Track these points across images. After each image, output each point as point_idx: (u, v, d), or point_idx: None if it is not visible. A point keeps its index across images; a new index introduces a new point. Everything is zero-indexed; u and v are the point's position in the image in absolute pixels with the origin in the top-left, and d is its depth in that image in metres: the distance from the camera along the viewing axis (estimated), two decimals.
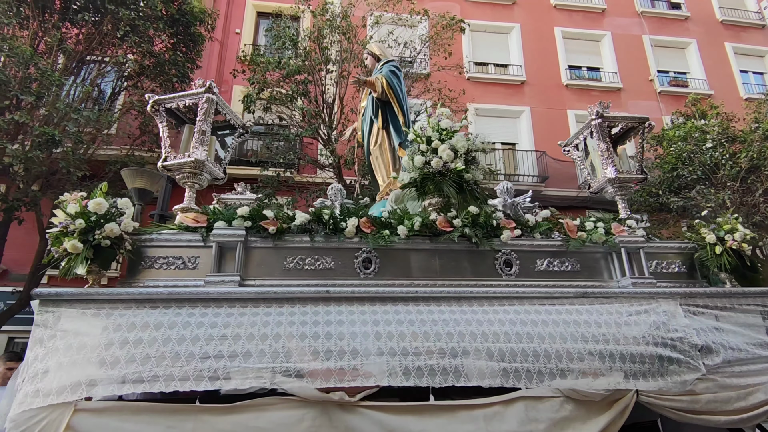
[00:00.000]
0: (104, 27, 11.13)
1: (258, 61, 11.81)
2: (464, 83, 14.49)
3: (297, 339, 2.59)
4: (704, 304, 3.25)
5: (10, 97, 10.23)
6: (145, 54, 11.30)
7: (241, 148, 12.85)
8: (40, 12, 10.69)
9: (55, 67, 10.80)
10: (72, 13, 10.93)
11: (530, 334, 2.85)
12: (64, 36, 10.80)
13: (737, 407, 2.99)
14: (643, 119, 3.91)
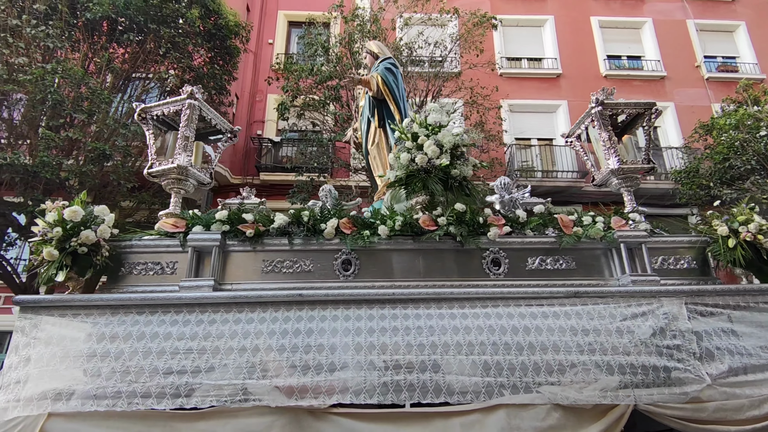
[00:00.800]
0: (147, 45, 11.55)
1: (291, 69, 11.94)
2: (497, 80, 14.10)
3: (274, 352, 2.52)
4: (714, 303, 2.93)
5: (64, 115, 10.78)
6: (185, 69, 11.64)
7: (276, 154, 13.03)
8: (89, 35, 11.19)
9: (104, 85, 11.28)
10: (118, 34, 11.40)
11: (515, 344, 2.66)
12: (111, 56, 11.27)
13: (750, 416, 2.67)
14: (650, 104, 3.60)
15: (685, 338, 2.76)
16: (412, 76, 12.70)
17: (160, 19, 10.92)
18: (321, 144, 12.26)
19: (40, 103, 10.26)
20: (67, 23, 10.36)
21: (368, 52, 4.81)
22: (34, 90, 9.79)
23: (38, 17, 9.93)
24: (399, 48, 12.42)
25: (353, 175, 12.64)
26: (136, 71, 11.78)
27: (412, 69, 12.77)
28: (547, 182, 13.70)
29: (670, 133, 14.50)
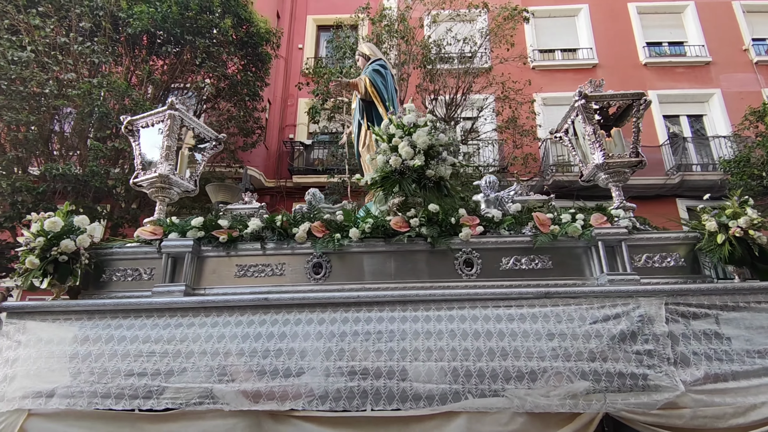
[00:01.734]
0: (184, 56, 12.00)
1: (320, 73, 12.09)
2: (529, 73, 13.76)
3: (240, 356, 2.57)
4: (699, 304, 2.75)
5: (110, 126, 11.36)
6: (220, 77, 12.01)
7: (308, 157, 13.25)
8: (131, 49, 11.74)
9: (146, 96, 11.82)
10: (157, 46, 11.91)
11: (482, 349, 2.59)
12: (151, 68, 11.78)
13: (734, 425, 2.48)
14: (638, 95, 3.42)
15: (659, 342, 2.60)
16: (441, 73, 12.59)
17: (196, 31, 11.30)
18: (351, 145, 12.35)
19: (88, 115, 10.86)
20: (111, 39, 10.87)
21: (360, 54, 4.81)
22: (82, 104, 10.34)
23: (84, 34, 10.48)
24: (427, 46, 12.34)
25: None
26: (175, 82, 12.25)
27: (441, 66, 12.67)
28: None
29: (718, 122, 13.67)
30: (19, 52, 9.81)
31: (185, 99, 3.54)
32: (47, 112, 10.71)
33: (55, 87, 9.93)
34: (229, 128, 12.08)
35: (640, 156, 3.37)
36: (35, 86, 9.93)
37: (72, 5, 10.20)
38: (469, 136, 13.31)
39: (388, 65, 4.58)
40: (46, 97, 10.16)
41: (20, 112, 9.71)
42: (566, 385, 2.54)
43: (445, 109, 13.00)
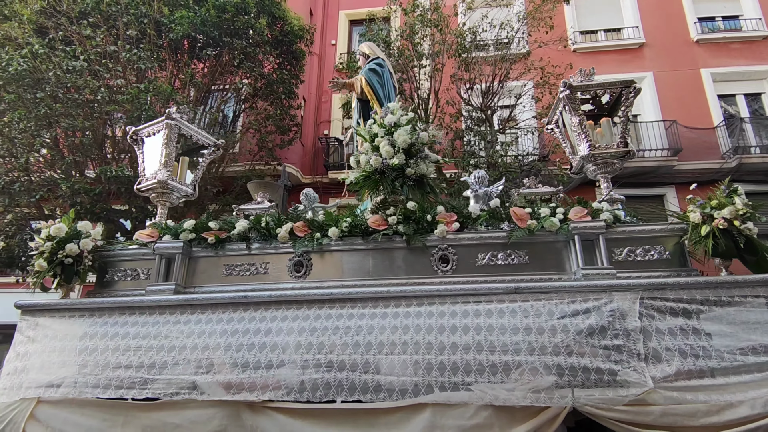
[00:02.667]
0: (223, 58, 12.51)
1: (354, 67, 12.27)
2: (570, 56, 13.34)
3: (221, 350, 2.79)
4: (677, 298, 2.71)
5: None
6: (257, 77, 12.44)
7: (343, 152, 13.49)
8: (173, 53, 12.37)
9: (189, 99, 12.43)
10: (198, 50, 12.48)
11: (451, 343, 2.66)
12: (193, 71, 12.36)
13: (705, 423, 2.44)
14: (627, 83, 3.36)
15: (629, 338, 2.59)
16: (477, 61, 12.46)
17: (233, 32, 11.74)
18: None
19: (137, 119, 11.55)
20: (155, 45, 11.49)
21: (361, 54, 4.92)
22: (131, 108, 11.01)
23: (131, 42, 11.13)
24: (462, 34, 12.23)
25: None
26: (215, 83, 12.79)
27: (476, 54, 12.53)
28: (632, 163, 12.73)
29: None
30: (73, 62, 10.54)
31: (183, 109, 3.79)
32: (100, 117, 11.47)
33: (107, 93, 10.61)
34: (267, 127, 12.50)
35: (628, 146, 3.31)
36: (88, 93, 10.65)
37: (119, 14, 10.85)
38: (506, 124, 13.12)
39: (386, 63, 4.67)
40: (99, 104, 10.86)
41: (76, 119, 10.44)
42: (531, 379, 2.58)
43: (481, 98, 12.86)
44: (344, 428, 2.63)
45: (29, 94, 10.35)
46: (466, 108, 12.95)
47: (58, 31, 10.97)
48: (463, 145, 12.63)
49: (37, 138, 10.73)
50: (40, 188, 10.80)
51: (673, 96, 13.04)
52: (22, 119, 10.11)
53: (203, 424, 2.68)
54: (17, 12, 11.16)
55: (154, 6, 11.26)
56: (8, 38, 11.17)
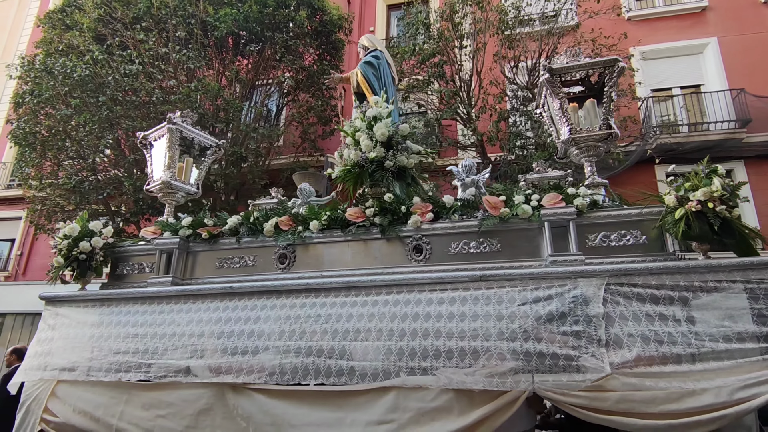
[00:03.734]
0: (265, 53, 13.03)
1: (393, 53, 12.37)
2: (624, 25, 12.74)
3: (211, 337, 3.12)
4: (645, 284, 2.71)
5: (207, 126, 12.80)
6: (299, 70, 12.86)
7: None
8: (219, 52, 13.03)
9: (235, 95, 13.06)
10: (241, 46, 13.06)
11: (417, 330, 2.82)
12: (237, 68, 12.97)
13: (664, 410, 2.46)
14: (611, 61, 3.32)
15: (590, 324, 2.64)
16: (521, 38, 12.20)
17: (274, 26, 12.18)
18: (427, 125, 12.54)
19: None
20: (202, 44, 12.16)
21: (361, 47, 5.06)
22: (183, 107, 11.77)
23: (180, 43, 11.87)
24: (504, 10, 12.01)
25: (462, 153, 12.69)
26: (258, 79, 13.34)
27: (520, 30, 12.27)
28: (696, 136, 12.07)
29: None
30: (129, 66, 11.39)
31: (187, 113, 4.13)
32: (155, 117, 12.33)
33: (161, 94, 11.40)
34: (309, 119, 12.91)
35: (611, 128, 3.28)
36: (144, 95, 11.49)
37: (168, 17, 11.57)
38: None
39: (383, 55, 4.79)
40: (154, 105, 11.68)
41: (135, 120, 11.30)
42: (492, 364, 2.70)
43: (527, 76, 12.59)
44: (315, 408, 2.87)
45: (92, 99, 11.28)
46: (510, 87, 12.74)
47: (114, 37, 11.85)
48: (509, 127, 12.44)
49: (101, 139, 11.68)
50: (106, 186, 11.80)
51: (740, 63, 12.17)
52: (87, 122, 11.06)
53: (192, 402, 3.01)
54: (78, 21, 12.10)
55: (200, 6, 11.86)
56: (71, 47, 12.19)
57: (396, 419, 2.72)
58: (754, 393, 2.41)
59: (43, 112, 12.06)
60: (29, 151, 12.48)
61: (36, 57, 12.08)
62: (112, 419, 3.06)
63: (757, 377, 2.43)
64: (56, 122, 11.55)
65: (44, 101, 11.50)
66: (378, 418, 2.74)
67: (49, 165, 12.61)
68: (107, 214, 12.14)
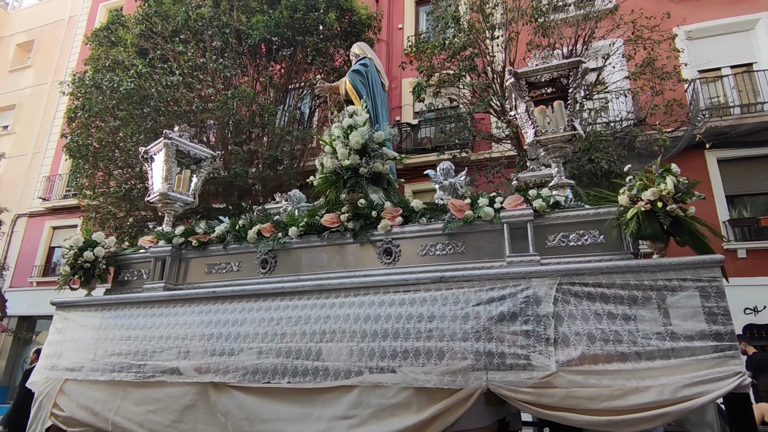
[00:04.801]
0: (297, 57, 13.50)
1: (423, 48, 12.51)
2: (667, 4, 12.32)
3: (196, 339, 3.47)
4: (596, 283, 2.81)
5: (244, 131, 13.44)
6: (330, 71, 13.25)
7: (415, 137, 13.82)
8: (253, 58, 13.63)
9: (269, 100, 13.61)
10: (274, 52, 13.59)
11: (381, 331, 3.05)
12: (271, 73, 13.51)
13: (608, 407, 2.56)
14: (574, 63, 3.38)
15: (540, 323, 2.77)
16: (556, 24, 12.04)
17: (305, 30, 12.64)
18: (459, 119, 12.60)
19: (226, 124, 13.00)
20: (236, 52, 12.78)
21: (353, 54, 5.27)
22: (221, 114, 12.44)
23: (216, 52, 12.53)
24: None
25: (496, 146, 12.66)
26: (291, 82, 13.84)
27: (555, 16, 12.12)
28: (749, 118, 11.55)
29: None
30: (170, 77, 12.17)
31: (185, 128, 4.51)
32: (196, 125, 13.07)
33: (200, 103, 12.10)
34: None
35: (575, 129, 3.35)
36: (185, 105, 12.24)
37: (205, 28, 12.24)
38: (594, 89, 12.51)
39: (372, 62, 4.98)
40: (194, 113, 12.41)
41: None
42: (448, 362, 2.88)
43: None
44: (286, 404, 3.14)
45: (137, 110, 12.13)
46: None
47: (156, 51, 12.64)
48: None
49: None
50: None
51: None
52: (133, 133, 11.90)
53: (179, 398, 3.36)
54: (122, 37, 12.97)
55: (234, 15, 12.44)
56: (117, 62, 13.10)
57: (358, 414, 2.95)
58: (699, 391, 2.47)
59: (94, 126, 13.03)
60: (83, 162, 13.53)
61: (85, 73, 13.04)
62: (109, 414, 3.46)
63: (703, 376, 2.50)
64: (106, 134, 12.48)
65: (94, 115, 12.44)
66: (341, 414, 2.98)
67: (101, 175, 13.60)
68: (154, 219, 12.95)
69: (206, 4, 12.51)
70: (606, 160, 10.71)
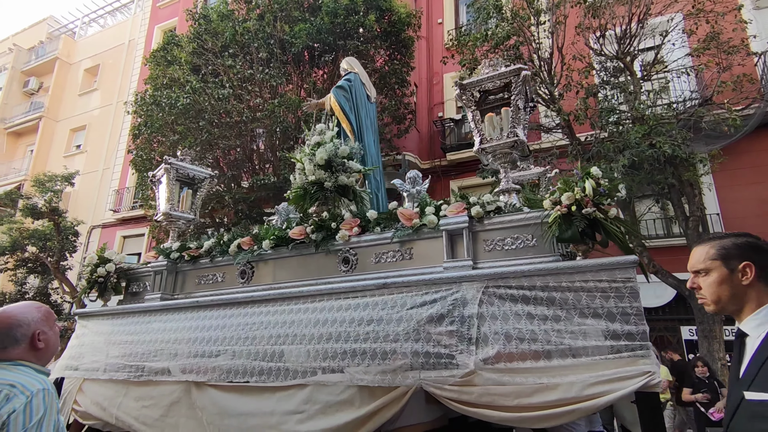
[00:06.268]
0: (339, 61, 14.12)
1: (464, 41, 12.70)
2: None
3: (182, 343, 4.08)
4: (519, 285, 3.09)
5: (291, 138, 14.27)
6: (371, 73, 13.75)
7: (459, 132, 13.99)
8: (296, 66, 14.42)
9: None
10: (316, 58, 14.31)
11: (332, 334, 3.51)
12: (314, 79, 14.24)
13: (520, 404, 2.85)
14: (516, 70, 3.63)
15: (464, 324, 3.09)
16: (608, 3, 11.83)
17: (346, 34, 13.25)
18: None
19: (274, 132, 13.88)
20: (281, 62, 13.62)
21: (342, 69, 5.70)
22: (269, 123, 13.34)
23: (262, 63, 13.43)
24: None
25: (546, 136, 12.60)
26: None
27: None
28: None
29: None
30: (221, 91, 13.21)
31: (186, 152, 5.17)
32: (247, 135, 14.05)
33: (249, 113, 13.05)
34: (383, 119, 13.75)
35: (517, 136, 3.60)
36: (236, 116, 13.24)
37: (251, 41, 13.16)
38: (652, 69, 12.13)
39: (356, 77, 5.40)
40: (244, 123, 13.37)
41: (230, 139, 13.08)
42: (386, 362, 3.27)
43: (616, 45, 12.13)
44: (251, 400, 3.66)
45: (194, 124, 13.28)
46: (598, 59, 12.35)
47: (207, 66, 13.73)
48: (599, 102, 12.10)
49: (203, 160, 13.64)
50: (210, 201, 13.76)
51: None
52: (192, 146, 13.02)
53: (167, 396, 3.97)
54: (177, 56, 14.18)
55: (277, 26, 13.25)
56: (173, 80, 14.35)
57: (307, 410, 3.41)
58: (606, 390, 2.71)
59: (156, 141, 14.36)
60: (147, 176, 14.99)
61: (146, 92, 14.38)
62: (113, 409, 4.14)
63: (610, 374, 2.73)
64: (167, 148, 13.72)
65: (156, 131, 13.74)
66: (293, 409, 3.46)
67: None
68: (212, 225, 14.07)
69: (251, 17, 13.39)
70: (669, 144, 10.36)
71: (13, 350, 2.10)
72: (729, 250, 1.90)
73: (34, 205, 17.35)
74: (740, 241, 1.91)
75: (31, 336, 2.14)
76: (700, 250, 1.99)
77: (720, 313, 1.97)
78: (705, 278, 1.93)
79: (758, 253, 1.86)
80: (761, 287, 1.83)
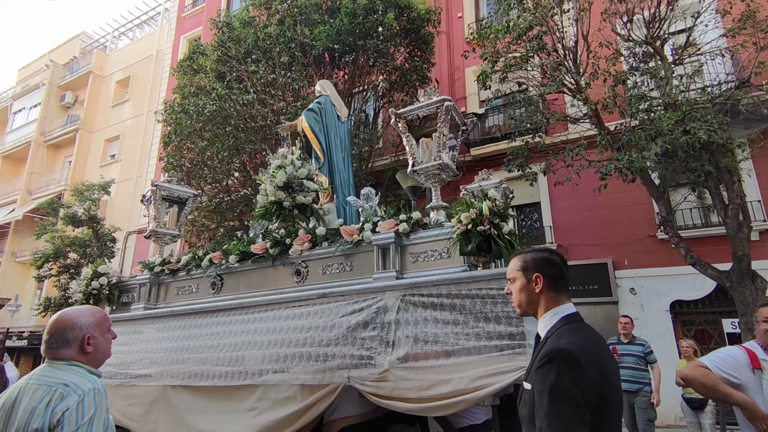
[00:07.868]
0: (359, 61, 14.97)
1: (486, 34, 13.21)
2: None
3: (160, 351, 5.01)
4: (429, 293, 3.84)
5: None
6: (391, 71, 14.52)
7: (482, 127, 14.52)
8: (318, 68, 15.36)
9: None
10: (337, 59, 15.18)
11: (278, 340, 4.38)
12: (335, 80, 15.12)
13: (421, 396, 3.65)
14: (440, 101, 4.34)
15: (383, 329, 3.86)
16: None
17: (365, 34, 14.07)
18: (530, 102, 13.07)
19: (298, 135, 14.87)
20: (303, 65, 14.59)
21: (316, 92, 6.54)
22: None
23: (285, 67, 14.44)
24: None
25: (573, 126, 12.94)
26: (355, 87, 15.33)
27: None
28: None
29: None
30: (246, 96, 14.30)
31: (173, 174, 6.13)
32: (272, 139, 15.11)
33: (273, 117, 14.07)
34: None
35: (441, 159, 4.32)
36: (261, 120, 14.30)
37: (273, 46, 14.19)
38: (683, 53, 12.30)
39: (326, 99, 6.27)
40: (269, 127, 14.42)
41: (255, 143, 14.19)
42: (317, 363, 4.07)
43: (645, 29, 12.36)
44: (214, 400, 4.57)
45: (220, 130, 14.46)
46: (626, 45, 12.60)
47: (232, 73, 14.86)
48: (628, 90, 12.33)
49: (231, 164, 14.82)
50: (238, 205, 14.95)
51: None
52: (219, 151, 14.21)
53: (147, 395, 4.94)
54: (202, 65, 15.35)
55: (298, 30, 14.18)
56: (200, 88, 15.57)
57: (260, 407, 4.28)
58: (489, 382, 3.47)
59: (185, 147, 15.62)
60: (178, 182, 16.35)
61: (174, 101, 15.65)
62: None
63: (493, 370, 3.48)
64: (196, 155, 15.00)
65: (185, 138, 15.06)
66: (248, 406, 4.32)
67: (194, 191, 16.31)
68: (241, 228, 15.15)
69: (272, 23, 14.40)
70: (705, 130, 10.50)
71: (65, 351, 2.36)
72: (527, 263, 2.59)
73: (74, 214, 19.40)
74: (537, 255, 2.59)
75: (81, 339, 2.40)
76: (512, 261, 2.69)
77: (524, 315, 2.66)
78: (512, 285, 2.63)
79: (549, 266, 2.54)
80: (550, 295, 2.52)
